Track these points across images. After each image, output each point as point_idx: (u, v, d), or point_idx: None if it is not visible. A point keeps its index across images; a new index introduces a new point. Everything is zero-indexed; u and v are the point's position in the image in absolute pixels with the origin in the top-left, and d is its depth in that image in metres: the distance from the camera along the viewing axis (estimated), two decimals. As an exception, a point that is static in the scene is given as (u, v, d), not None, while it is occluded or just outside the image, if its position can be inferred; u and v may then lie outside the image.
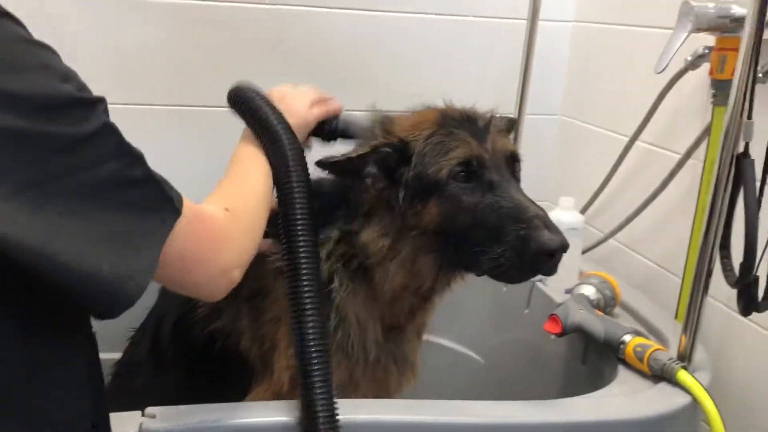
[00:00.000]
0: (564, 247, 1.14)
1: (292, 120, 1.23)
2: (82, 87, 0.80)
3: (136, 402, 1.10)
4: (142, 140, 2.16)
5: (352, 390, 1.32)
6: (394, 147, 1.23)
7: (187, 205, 0.90)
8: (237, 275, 1.02)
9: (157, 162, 2.07)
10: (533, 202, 1.19)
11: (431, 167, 1.21)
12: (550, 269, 1.17)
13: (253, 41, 2.00)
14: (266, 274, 1.32)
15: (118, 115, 2.11)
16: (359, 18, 2.04)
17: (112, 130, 0.81)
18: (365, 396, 1.34)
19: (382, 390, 1.38)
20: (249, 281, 1.36)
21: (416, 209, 1.22)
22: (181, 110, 2.00)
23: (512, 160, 1.27)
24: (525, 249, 1.12)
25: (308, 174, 1.18)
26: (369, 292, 1.29)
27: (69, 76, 0.79)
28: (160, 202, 0.85)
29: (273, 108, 1.22)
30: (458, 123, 1.25)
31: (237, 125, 2.04)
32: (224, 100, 1.99)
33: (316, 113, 1.31)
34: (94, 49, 1.89)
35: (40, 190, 0.73)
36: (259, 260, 1.35)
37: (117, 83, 1.93)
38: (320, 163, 1.23)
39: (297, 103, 1.29)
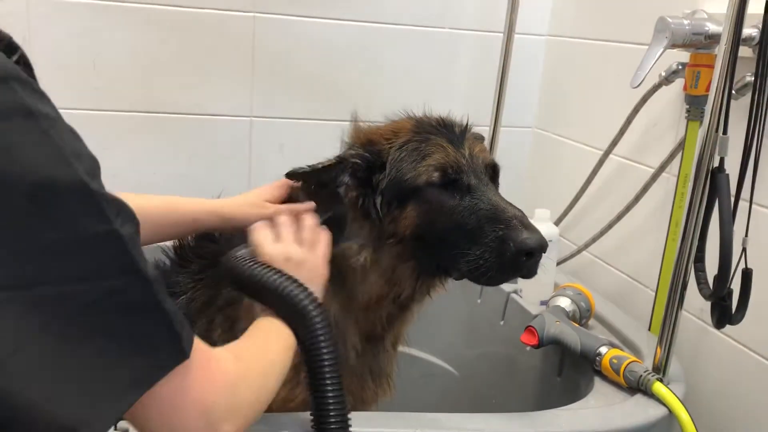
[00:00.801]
0: (543, 246, 1.15)
1: (315, 288, 1.08)
2: (92, 172, 0.66)
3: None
4: (113, 146, 2.14)
5: None
6: (363, 157, 1.23)
7: (197, 347, 0.75)
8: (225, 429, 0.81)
9: (128, 168, 2.06)
10: (511, 204, 1.20)
11: (408, 173, 1.22)
12: (530, 270, 1.17)
13: (229, 49, 1.98)
14: None
15: (89, 122, 2.10)
16: (337, 28, 2.04)
17: (119, 237, 0.66)
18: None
19: (357, 401, 1.36)
20: (225, 289, 1.34)
21: (393, 216, 1.22)
22: (154, 117, 1.97)
23: (491, 168, 1.28)
24: (504, 249, 1.13)
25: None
26: (346, 301, 1.28)
27: (80, 154, 0.66)
28: (160, 337, 0.70)
29: (296, 283, 1.04)
30: (434, 129, 1.26)
31: (210, 133, 2.03)
32: (198, 107, 1.99)
33: (326, 254, 1.18)
34: (66, 54, 1.86)
35: (10, 296, 0.61)
36: None
37: (89, 89, 1.89)
38: (290, 175, 1.23)
39: (316, 265, 1.14)
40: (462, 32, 2.17)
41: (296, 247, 1.13)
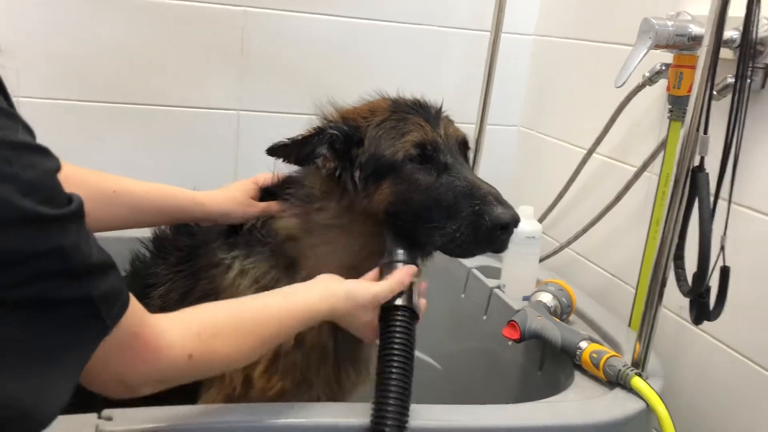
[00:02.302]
0: (516, 221, 1.20)
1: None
2: (49, 198, 0.71)
3: (91, 404, 1.07)
4: (100, 138, 2.14)
5: (306, 389, 1.32)
6: (341, 129, 1.26)
7: (128, 322, 0.82)
8: (143, 392, 0.92)
9: (112, 160, 2.05)
10: (486, 182, 1.25)
11: (387, 149, 1.25)
12: (502, 244, 1.22)
13: (218, 42, 1.99)
14: (220, 273, 1.32)
15: (76, 112, 2.09)
16: (327, 23, 2.05)
17: (62, 254, 0.72)
18: (319, 397, 1.34)
19: (336, 390, 1.37)
20: (202, 281, 1.35)
21: (368, 191, 1.25)
22: (141, 109, 1.97)
23: (464, 146, 1.33)
24: (480, 223, 1.18)
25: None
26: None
27: (35, 186, 0.70)
28: (84, 320, 0.76)
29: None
30: (410, 109, 1.30)
31: (193, 124, 2.03)
32: (186, 100, 1.99)
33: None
34: (51, 45, 1.85)
35: None
36: (213, 259, 1.34)
37: (77, 79, 1.89)
38: (271, 150, 1.25)
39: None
40: (450, 30, 2.18)
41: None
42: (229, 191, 1.37)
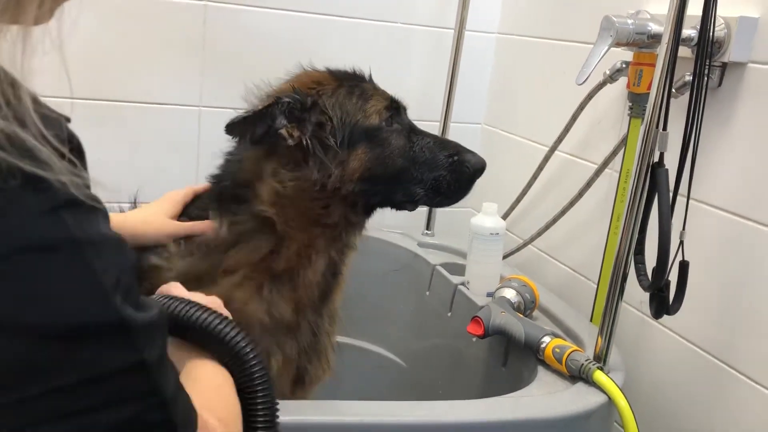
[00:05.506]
0: (485, 164, 1.35)
1: None
2: (128, 290, 0.64)
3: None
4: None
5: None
6: (295, 97, 1.23)
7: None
8: None
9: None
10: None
11: (356, 114, 1.26)
12: (471, 187, 1.36)
13: (179, 37, 1.96)
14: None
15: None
16: (289, 19, 2.03)
17: (144, 367, 0.66)
18: (282, 391, 1.32)
19: (297, 384, 1.37)
20: (143, 282, 1.32)
21: (340, 158, 1.24)
22: (98, 104, 1.93)
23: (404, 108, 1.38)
24: (462, 170, 1.31)
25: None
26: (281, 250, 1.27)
27: (119, 279, 0.63)
28: None
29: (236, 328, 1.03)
30: (353, 77, 1.33)
31: (158, 122, 2.00)
32: (146, 95, 1.96)
33: None
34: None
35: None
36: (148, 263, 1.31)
37: (36, 75, 1.84)
38: (229, 128, 1.22)
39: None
40: (414, 27, 2.18)
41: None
42: (149, 212, 1.32)
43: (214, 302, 1.02)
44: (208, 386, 0.95)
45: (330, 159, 1.23)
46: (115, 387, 0.64)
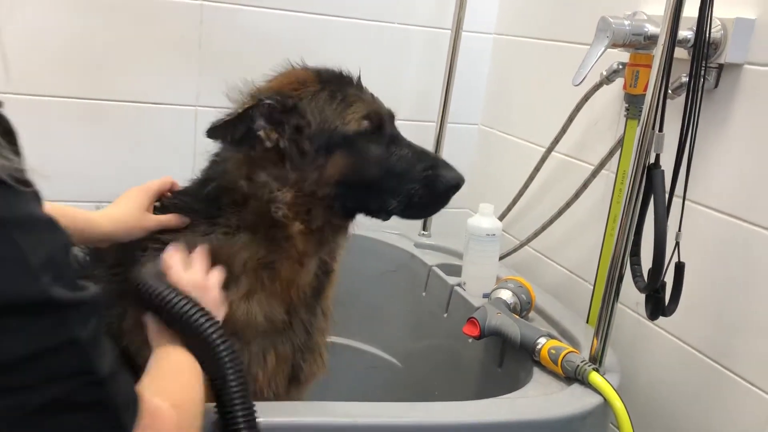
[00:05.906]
0: (463, 181, 1.31)
1: (219, 314, 1.11)
2: (59, 272, 0.64)
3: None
4: (52, 134, 2.08)
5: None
6: (276, 99, 1.23)
7: (142, 413, 0.77)
8: None
9: (68, 157, 2.00)
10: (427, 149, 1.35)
11: (335, 120, 1.25)
12: (448, 201, 1.33)
13: (175, 37, 1.95)
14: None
15: (27, 107, 2.03)
16: (286, 19, 2.03)
17: (75, 345, 0.66)
18: (276, 390, 1.32)
19: (292, 382, 1.36)
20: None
21: (318, 163, 1.24)
22: (95, 104, 1.93)
23: (393, 119, 1.36)
24: (436, 185, 1.29)
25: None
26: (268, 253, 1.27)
27: (49, 258, 0.63)
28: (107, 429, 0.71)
29: (206, 315, 1.03)
30: (339, 80, 1.32)
31: (154, 122, 2.00)
32: (142, 95, 1.95)
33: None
34: (5, 36, 1.80)
35: None
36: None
37: (27, 74, 1.84)
38: (211, 132, 1.22)
39: (216, 296, 1.14)
40: (411, 28, 2.18)
41: (204, 275, 1.13)
42: (120, 207, 1.29)
43: (213, 278, 1.10)
44: (168, 371, 0.97)
45: (306, 163, 1.23)
46: (45, 365, 0.64)
